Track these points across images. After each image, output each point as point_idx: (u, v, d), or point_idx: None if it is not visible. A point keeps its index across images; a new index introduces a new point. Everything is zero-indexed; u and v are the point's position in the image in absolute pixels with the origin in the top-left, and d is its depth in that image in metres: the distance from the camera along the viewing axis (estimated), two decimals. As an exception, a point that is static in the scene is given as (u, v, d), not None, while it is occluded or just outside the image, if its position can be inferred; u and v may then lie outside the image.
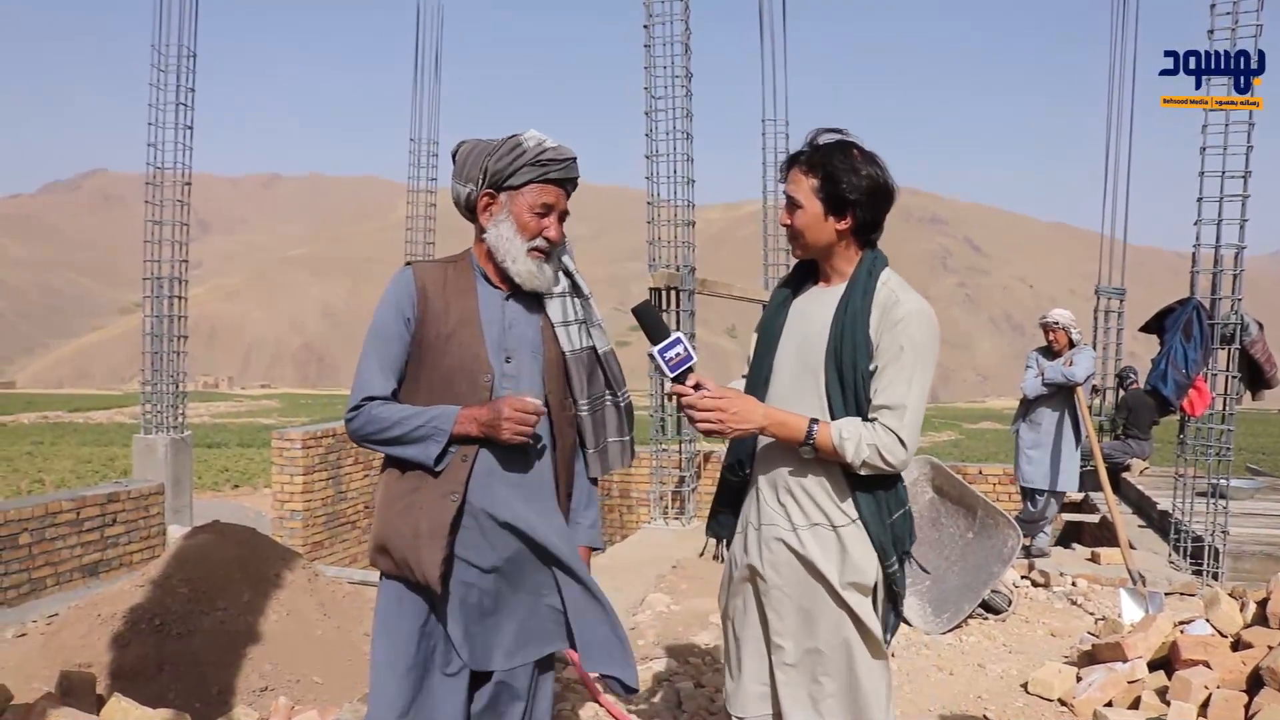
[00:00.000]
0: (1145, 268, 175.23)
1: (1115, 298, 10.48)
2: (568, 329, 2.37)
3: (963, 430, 31.13)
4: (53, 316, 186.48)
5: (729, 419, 2.14)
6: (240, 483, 17.99)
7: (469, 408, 2.20)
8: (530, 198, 2.24)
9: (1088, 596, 5.97)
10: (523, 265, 2.25)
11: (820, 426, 2.11)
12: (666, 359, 2.18)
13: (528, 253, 2.25)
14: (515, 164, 2.22)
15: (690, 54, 8.37)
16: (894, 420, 2.08)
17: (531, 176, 2.23)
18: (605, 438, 2.45)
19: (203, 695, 4.43)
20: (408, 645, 2.26)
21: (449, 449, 2.20)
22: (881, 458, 2.08)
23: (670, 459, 8.76)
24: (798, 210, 2.21)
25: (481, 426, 2.17)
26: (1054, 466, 6.60)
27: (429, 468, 2.20)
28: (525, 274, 2.26)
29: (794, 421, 2.13)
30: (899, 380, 2.11)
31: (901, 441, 2.08)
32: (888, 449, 2.07)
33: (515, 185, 2.23)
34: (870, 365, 2.13)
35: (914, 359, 2.11)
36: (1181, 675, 3.67)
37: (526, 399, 2.19)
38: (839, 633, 2.18)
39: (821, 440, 2.10)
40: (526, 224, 2.24)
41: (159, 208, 9.03)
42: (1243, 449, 16.65)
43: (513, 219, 2.24)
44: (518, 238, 2.24)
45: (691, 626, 5.16)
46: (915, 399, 2.10)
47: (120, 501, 7.58)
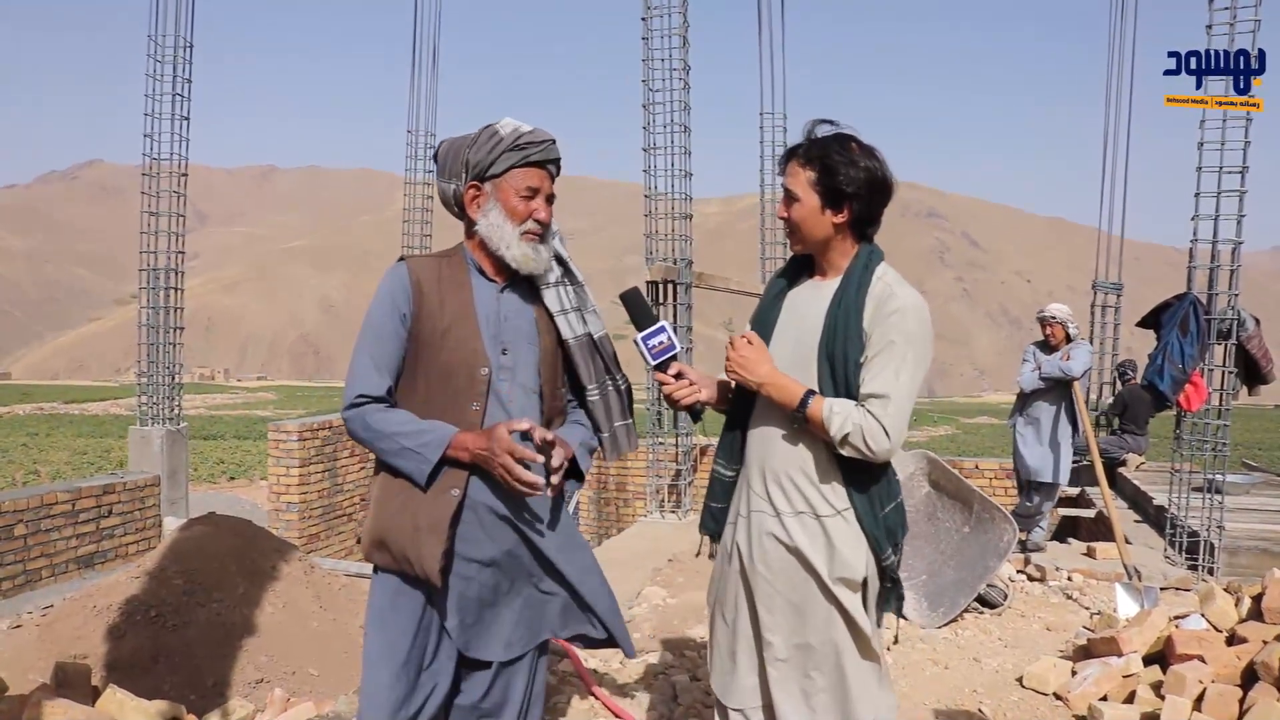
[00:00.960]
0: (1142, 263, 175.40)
1: (1112, 293, 10.49)
2: (566, 317, 2.37)
3: (959, 425, 31.19)
4: (49, 307, 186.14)
5: (736, 361, 2.20)
6: (236, 475, 18.01)
7: (464, 434, 2.18)
8: (515, 182, 2.24)
9: (1083, 591, 5.98)
10: (517, 250, 2.25)
11: (815, 398, 2.12)
12: (649, 346, 2.22)
13: (521, 237, 2.25)
14: (494, 152, 2.23)
15: (688, 47, 8.35)
16: (879, 408, 2.08)
17: (512, 162, 2.23)
18: (612, 422, 2.46)
19: (198, 687, 4.43)
20: (402, 639, 2.26)
21: (440, 468, 2.19)
22: (864, 441, 2.07)
23: (667, 452, 8.76)
24: (795, 203, 2.20)
25: (474, 458, 2.16)
26: (1049, 459, 6.61)
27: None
28: (521, 258, 2.25)
29: (792, 388, 2.14)
30: (887, 370, 2.10)
31: (885, 430, 2.07)
32: (871, 434, 2.06)
33: (498, 173, 2.24)
34: (861, 358, 2.13)
35: (904, 351, 2.11)
36: (1176, 670, 3.68)
37: (528, 450, 2.14)
38: (829, 629, 2.18)
39: (813, 411, 2.11)
40: (515, 209, 2.24)
41: (155, 199, 9.01)
42: (1239, 444, 16.67)
43: (500, 206, 2.24)
44: (508, 223, 2.24)
45: (687, 620, 5.16)
46: (902, 390, 2.09)
47: (116, 493, 7.57)
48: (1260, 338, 7.26)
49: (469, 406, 2.23)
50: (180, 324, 9.31)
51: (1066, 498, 8.77)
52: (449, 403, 2.24)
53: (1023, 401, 6.77)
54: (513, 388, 2.28)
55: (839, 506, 2.17)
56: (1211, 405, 6.55)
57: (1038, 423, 6.65)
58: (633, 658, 2.47)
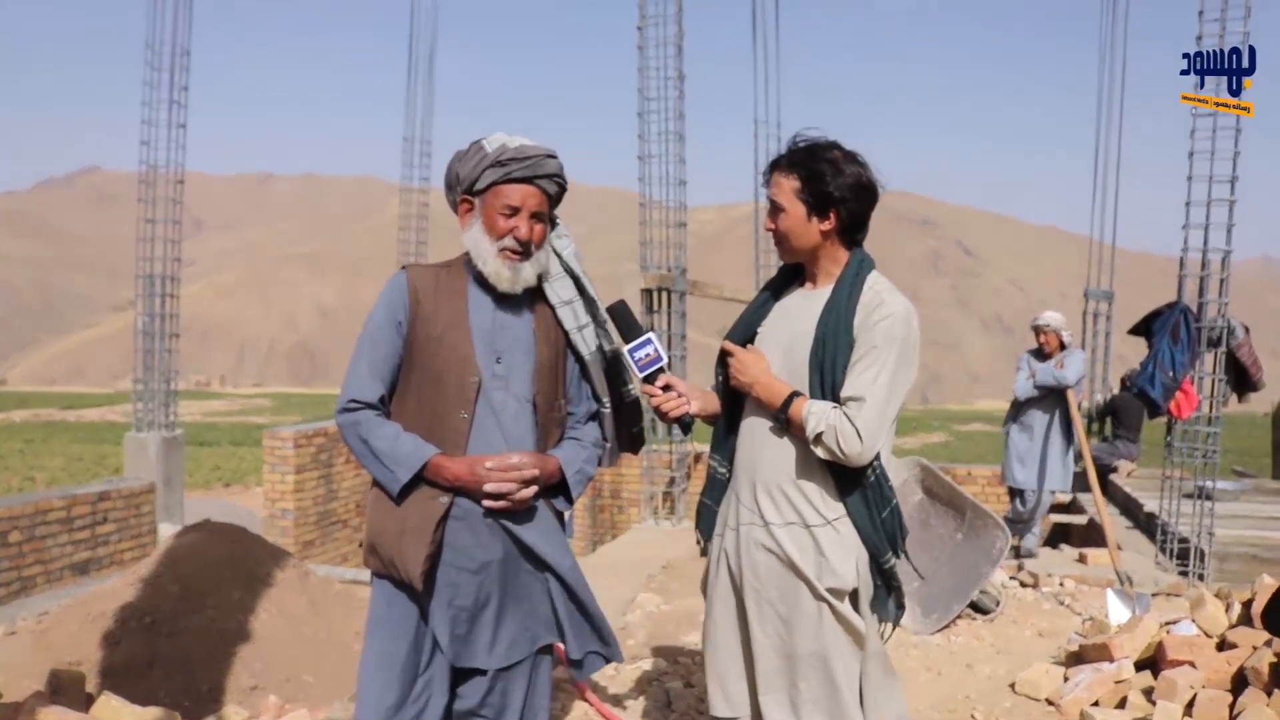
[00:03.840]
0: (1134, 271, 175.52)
1: (1104, 301, 10.52)
2: (581, 333, 2.41)
3: (952, 431, 31.18)
4: (46, 313, 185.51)
5: (735, 367, 2.25)
6: (232, 481, 17.96)
7: (441, 459, 2.22)
8: (496, 200, 2.27)
9: (1075, 597, 6.00)
10: (492, 266, 2.28)
11: (799, 399, 2.15)
12: (637, 359, 2.24)
13: (498, 253, 2.27)
14: (479, 168, 2.26)
15: (683, 55, 8.39)
16: (854, 410, 2.08)
17: (494, 178, 2.26)
18: (618, 436, 2.55)
19: (193, 694, 4.43)
20: (397, 645, 2.28)
21: (417, 485, 2.24)
22: (836, 441, 2.07)
23: (661, 459, 8.78)
24: (781, 214, 2.22)
25: (454, 482, 2.22)
26: (1043, 468, 6.64)
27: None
28: (494, 274, 2.28)
29: (779, 388, 2.17)
30: (866, 373, 2.11)
31: (858, 432, 2.06)
32: (844, 435, 2.06)
33: (482, 189, 2.27)
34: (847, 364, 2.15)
35: (885, 355, 2.11)
36: (1167, 675, 3.70)
37: (509, 459, 2.23)
38: (817, 639, 2.18)
39: (794, 410, 2.13)
40: (494, 225, 2.26)
41: (152, 205, 9.01)
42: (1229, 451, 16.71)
43: (481, 221, 2.28)
44: (486, 239, 2.27)
45: (682, 626, 5.17)
46: (880, 394, 2.09)
47: (111, 500, 7.57)
48: (1250, 345, 7.30)
49: (458, 414, 2.26)
50: (176, 330, 9.31)
51: (1058, 504, 8.79)
52: (439, 410, 2.26)
53: (1017, 409, 6.79)
54: (506, 397, 2.30)
55: (830, 516, 2.18)
56: (1202, 412, 6.58)
57: (1031, 430, 6.67)
58: (620, 662, 2.51)
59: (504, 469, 2.21)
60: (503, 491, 2.21)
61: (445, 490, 2.23)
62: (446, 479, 2.22)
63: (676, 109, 8.36)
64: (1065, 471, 6.65)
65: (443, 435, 2.26)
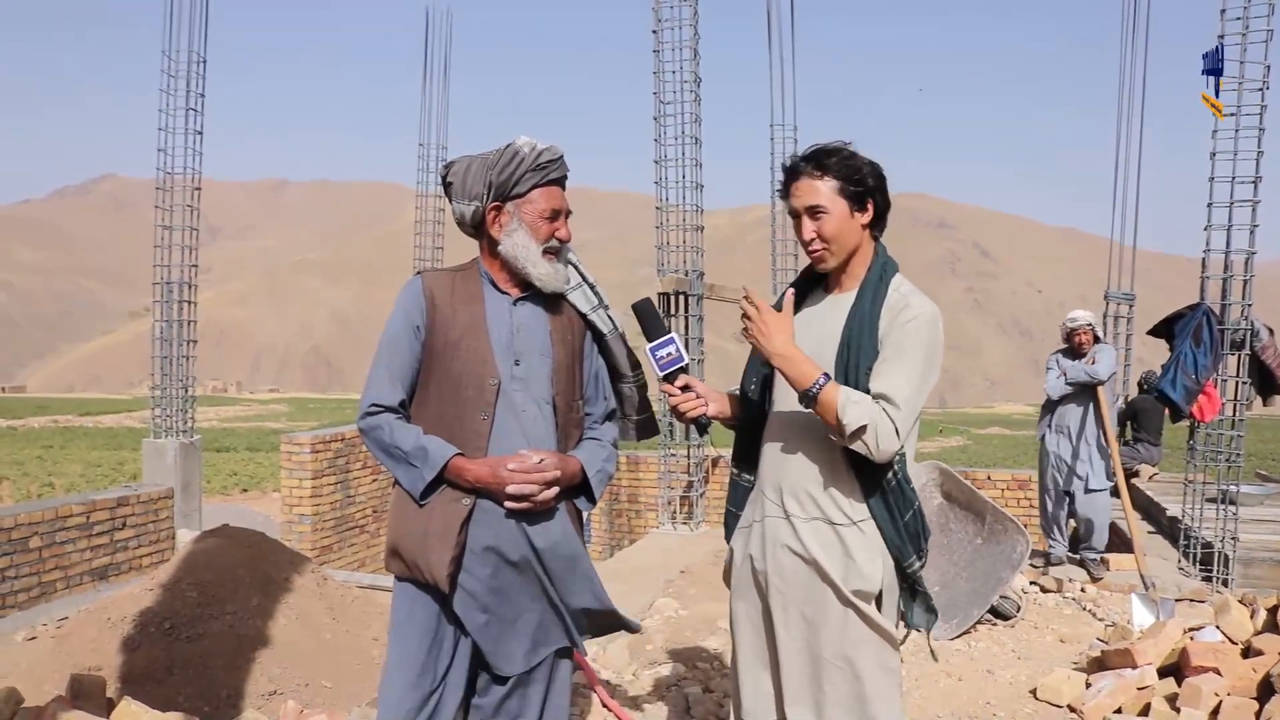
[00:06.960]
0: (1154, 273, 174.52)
1: (1125, 303, 10.43)
2: (597, 314, 2.47)
3: (971, 435, 31.05)
4: (63, 321, 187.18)
5: (756, 327, 2.13)
6: (249, 487, 18.04)
7: (462, 460, 2.23)
8: (540, 205, 2.30)
9: (1097, 603, 5.95)
10: (543, 269, 2.31)
11: (831, 384, 2.07)
12: (658, 358, 2.25)
13: (543, 255, 2.31)
14: (517, 173, 2.27)
15: (699, 59, 8.38)
16: (891, 410, 2.05)
17: (535, 181, 2.29)
18: (635, 414, 2.61)
19: (212, 699, 4.44)
20: (418, 649, 2.29)
21: (439, 487, 2.25)
22: (875, 438, 2.03)
23: (679, 463, 8.75)
24: (823, 216, 2.17)
25: (475, 483, 2.23)
26: (1085, 467, 6.51)
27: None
28: (546, 276, 2.32)
29: (807, 367, 2.09)
30: (896, 372, 2.09)
31: (896, 432, 2.04)
32: (884, 433, 2.03)
33: (521, 193, 2.29)
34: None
35: (914, 356, 2.10)
36: (1191, 682, 3.66)
37: (530, 458, 2.23)
38: (844, 641, 2.17)
39: (826, 395, 2.05)
40: (539, 229, 2.30)
41: (169, 212, 9.06)
42: (1252, 455, 16.55)
43: (525, 227, 2.29)
44: (533, 243, 2.30)
45: (700, 631, 5.15)
46: (909, 394, 2.07)
47: (130, 505, 7.61)
48: (1275, 348, 7.22)
49: (478, 416, 2.27)
50: (193, 337, 9.35)
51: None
52: (459, 413, 2.27)
53: (1049, 410, 6.71)
54: (526, 398, 2.31)
55: (855, 518, 2.17)
56: (1225, 416, 6.51)
57: (1068, 430, 6.57)
58: (638, 631, 2.57)
59: (526, 470, 2.21)
60: (525, 494, 2.20)
61: (467, 492, 2.23)
62: (468, 480, 2.22)
63: (693, 113, 8.36)
64: (1106, 467, 6.54)
65: (464, 438, 2.26)
